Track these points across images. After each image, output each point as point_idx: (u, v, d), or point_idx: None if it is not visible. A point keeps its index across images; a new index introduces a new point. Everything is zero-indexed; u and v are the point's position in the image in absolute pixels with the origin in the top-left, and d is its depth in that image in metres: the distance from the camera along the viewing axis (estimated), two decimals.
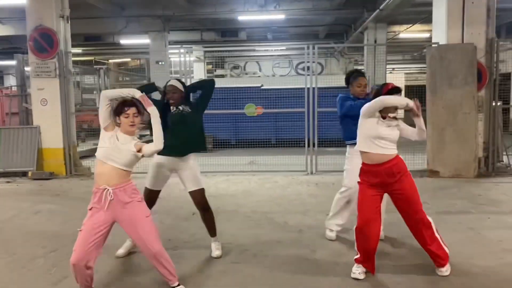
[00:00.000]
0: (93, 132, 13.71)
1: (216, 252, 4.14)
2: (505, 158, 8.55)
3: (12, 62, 14.84)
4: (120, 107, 3.22)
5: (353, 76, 4.46)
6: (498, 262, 3.89)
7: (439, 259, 3.56)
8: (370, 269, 3.60)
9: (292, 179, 7.96)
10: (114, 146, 3.18)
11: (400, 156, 3.58)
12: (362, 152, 3.57)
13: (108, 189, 3.13)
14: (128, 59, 25.50)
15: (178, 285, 3.32)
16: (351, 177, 4.10)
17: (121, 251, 4.19)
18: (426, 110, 7.95)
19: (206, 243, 4.33)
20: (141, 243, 3.21)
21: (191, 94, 4.29)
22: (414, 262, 3.89)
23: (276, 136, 12.17)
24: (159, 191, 4.17)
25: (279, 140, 11.67)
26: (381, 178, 3.46)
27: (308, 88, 8.59)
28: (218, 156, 9.71)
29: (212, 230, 4.21)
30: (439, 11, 8.29)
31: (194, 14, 14.90)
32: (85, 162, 9.54)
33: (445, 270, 3.57)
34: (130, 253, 4.23)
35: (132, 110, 3.20)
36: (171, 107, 4.00)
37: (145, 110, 3.29)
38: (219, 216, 5.54)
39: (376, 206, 3.51)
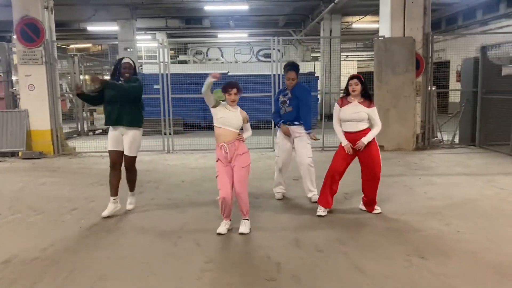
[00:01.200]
0: (63, 117, 14.26)
1: (129, 206, 5.24)
2: (438, 135, 10.13)
3: None
4: (226, 88, 4.46)
5: (285, 70, 5.45)
6: (421, 205, 5.27)
7: (374, 202, 4.94)
8: (329, 205, 4.95)
9: (261, 155, 9.17)
10: (227, 114, 4.42)
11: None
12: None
13: (224, 145, 4.39)
14: (89, 45, 25.62)
15: (247, 219, 4.49)
16: (278, 149, 5.64)
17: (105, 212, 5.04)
18: (373, 94, 9.35)
19: (200, 201, 5.47)
20: (234, 182, 4.38)
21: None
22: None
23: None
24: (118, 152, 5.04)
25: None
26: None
27: (274, 75, 9.74)
28: (191, 137, 10.75)
29: (131, 185, 5.24)
30: (385, 8, 9.68)
31: (162, 3, 15.64)
32: (68, 143, 10.33)
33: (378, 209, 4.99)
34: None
35: (233, 91, 4.45)
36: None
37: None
38: (205, 182, 6.66)
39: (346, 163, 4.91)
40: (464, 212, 5.00)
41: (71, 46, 24.67)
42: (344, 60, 22.32)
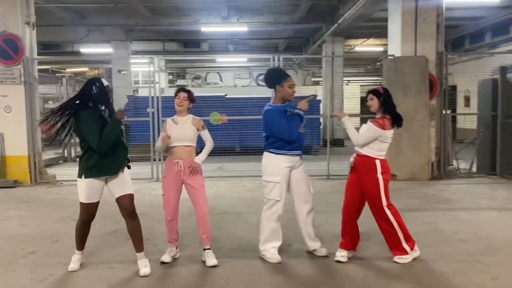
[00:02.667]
0: (54, 142, 13.45)
1: (144, 270, 3.79)
2: (454, 162, 9.25)
3: None
4: (176, 93, 4.15)
5: (281, 78, 4.08)
6: (454, 250, 4.34)
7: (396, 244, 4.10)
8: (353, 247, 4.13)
9: (259, 183, 8.14)
10: (176, 129, 4.07)
11: None
12: None
13: (179, 162, 4.07)
14: (86, 69, 25.08)
15: (209, 249, 4.05)
16: (278, 191, 4.11)
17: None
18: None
19: (185, 241, 4.54)
20: (197, 202, 4.13)
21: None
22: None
23: (240, 144, 12.47)
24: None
25: (244, 147, 11.95)
26: None
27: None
28: None
29: (139, 243, 3.88)
30: (394, 26, 8.95)
31: (157, 24, 15.02)
32: (49, 170, 9.43)
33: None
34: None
35: (182, 94, 4.10)
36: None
37: None
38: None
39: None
40: (509, 259, 4.07)
41: (66, 70, 24.15)
42: (346, 84, 21.65)
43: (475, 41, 16.06)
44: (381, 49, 17.69)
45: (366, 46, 17.74)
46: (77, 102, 3.79)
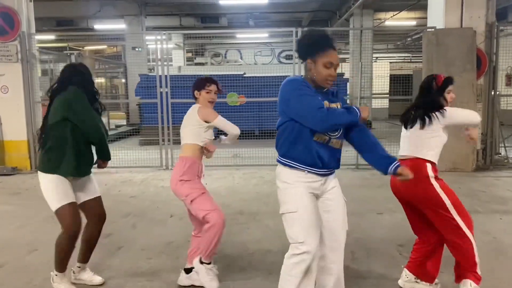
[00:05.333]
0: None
1: (96, 278, 3.27)
2: (502, 150, 8.13)
3: None
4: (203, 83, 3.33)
5: (319, 42, 2.47)
6: None
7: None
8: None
9: None
10: None
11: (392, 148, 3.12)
12: None
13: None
14: (104, 46, 24.44)
15: (209, 263, 3.11)
16: (301, 226, 2.48)
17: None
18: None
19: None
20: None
21: None
22: None
23: (259, 127, 11.55)
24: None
25: (263, 131, 11.03)
26: None
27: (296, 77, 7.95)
28: None
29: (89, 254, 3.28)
30: None
31: None
32: None
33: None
34: None
35: (213, 87, 3.33)
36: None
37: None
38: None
39: None
40: None
41: (85, 48, 23.52)
42: (375, 61, 20.30)
43: None
44: (413, 23, 16.29)
45: (397, 19, 16.35)
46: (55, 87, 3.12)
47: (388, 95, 15.89)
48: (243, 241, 4.19)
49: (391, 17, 16.24)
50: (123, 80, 18.56)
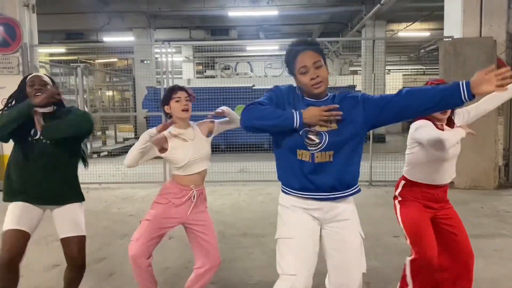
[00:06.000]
0: None
1: None
2: None
3: None
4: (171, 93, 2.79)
5: (292, 54, 2.22)
6: None
7: None
8: None
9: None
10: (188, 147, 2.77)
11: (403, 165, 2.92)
12: None
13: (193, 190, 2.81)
14: (115, 59, 24.51)
15: None
16: (290, 255, 2.17)
17: None
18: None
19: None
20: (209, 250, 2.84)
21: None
22: None
23: (269, 140, 11.20)
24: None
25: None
26: None
27: None
28: None
29: None
30: (453, 3, 7.40)
31: (181, 9, 13.97)
32: None
33: None
34: None
35: (183, 94, 2.78)
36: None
37: None
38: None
39: None
40: None
41: (96, 61, 23.58)
42: (387, 74, 19.93)
43: None
44: (427, 34, 15.93)
45: (410, 31, 16.02)
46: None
47: None
48: (245, 268, 3.81)
49: (404, 28, 15.93)
50: (131, 93, 18.49)
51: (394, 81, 14.99)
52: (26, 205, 2.68)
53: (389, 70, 22.96)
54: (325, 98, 2.17)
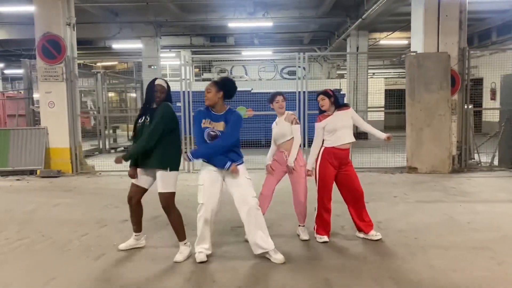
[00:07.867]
0: (87, 134, 14.28)
1: (176, 256, 4.15)
2: (476, 156, 9.45)
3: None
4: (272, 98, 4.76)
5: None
6: (466, 238, 4.68)
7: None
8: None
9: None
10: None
11: (384, 154, 4.49)
12: None
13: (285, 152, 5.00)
14: (115, 63, 25.88)
15: (303, 225, 4.84)
16: (201, 194, 4.10)
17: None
18: (405, 112, 8.83)
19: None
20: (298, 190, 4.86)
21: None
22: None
23: (266, 137, 12.89)
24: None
25: (269, 141, 12.32)
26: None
27: (299, 92, 9.31)
28: None
29: (177, 233, 4.24)
30: (417, 22, 9.17)
31: (186, 20, 15.55)
32: (88, 161, 10.11)
33: (376, 234, 4.63)
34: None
35: (280, 98, 4.74)
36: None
37: None
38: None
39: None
40: None
41: (97, 64, 25.03)
42: (371, 77, 21.73)
43: (503, 33, 15.92)
44: (405, 42, 17.72)
45: (391, 39, 17.81)
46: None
47: (383, 108, 17.31)
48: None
49: (385, 37, 17.71)
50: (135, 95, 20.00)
51: (377, 84, 16.79)
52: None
53: (373, 73, 24.73)
54: (222, 113, 4.11)
